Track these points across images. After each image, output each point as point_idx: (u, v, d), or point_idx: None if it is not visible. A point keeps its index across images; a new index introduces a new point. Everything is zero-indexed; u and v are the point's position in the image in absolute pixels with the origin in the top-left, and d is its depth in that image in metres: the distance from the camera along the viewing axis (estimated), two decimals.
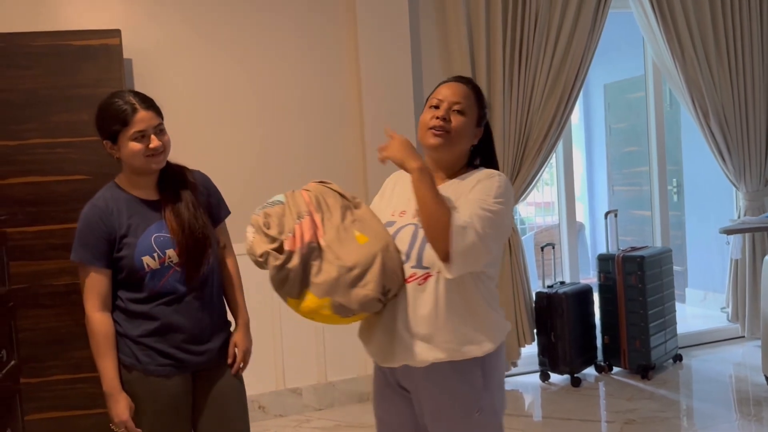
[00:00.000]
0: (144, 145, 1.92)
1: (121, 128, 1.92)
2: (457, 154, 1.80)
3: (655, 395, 3.74)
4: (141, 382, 1.96)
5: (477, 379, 1.69)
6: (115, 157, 1.99)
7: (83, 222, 1.95)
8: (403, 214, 1.77)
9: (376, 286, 1.62)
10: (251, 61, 3.65)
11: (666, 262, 4.19)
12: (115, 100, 1.96)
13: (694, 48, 4.27)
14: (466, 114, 1.77)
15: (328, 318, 1.64)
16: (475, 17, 3.85)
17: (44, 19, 3.32)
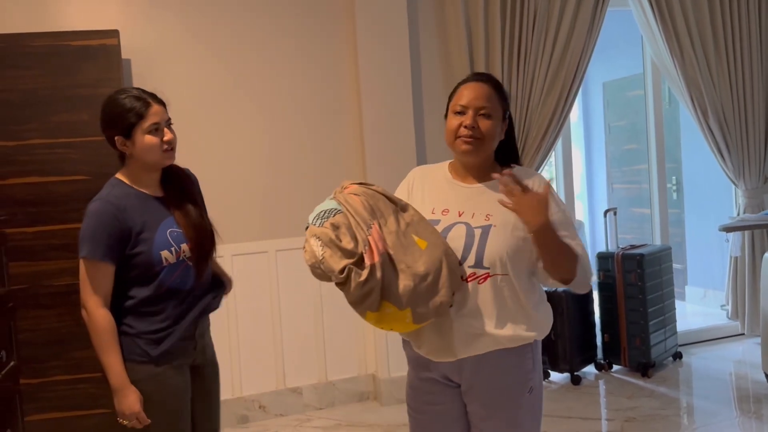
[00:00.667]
0: (159, 138, 1.94)
1: (136, 121, 1.92)
2: (489, 154, 1.85)
3: (656, 393, 3.74)
4: (152, 378, 1.94)
5: (529, 362, 1.80)
6: (126, 153, 1.96)
7: (95, 218, 1.90)
8: (446, 213, 1.81)
9: (448, 291, 1.65)
10: (250, 62, 3.65)
11: (665, 260, 4.19)
12: (125, 94, 1.96)
13: (692, 46, 4.27)
14: (493, 116, 1.79)
15: (407, 326, 1.66)
16: (474, 15, 3.85)
17: (43, 19, 3.32)
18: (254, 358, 3.67)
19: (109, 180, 2.01)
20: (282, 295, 3.69)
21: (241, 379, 3.64)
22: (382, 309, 1.59)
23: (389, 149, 3.73)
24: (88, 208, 1.93)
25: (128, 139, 1.93)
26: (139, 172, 1.99)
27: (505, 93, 1.86)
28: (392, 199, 1.74)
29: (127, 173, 2.00)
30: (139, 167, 1.98)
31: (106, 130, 1.97)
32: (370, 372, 3.87)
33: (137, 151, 1.94)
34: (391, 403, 3.75)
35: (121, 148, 1.95)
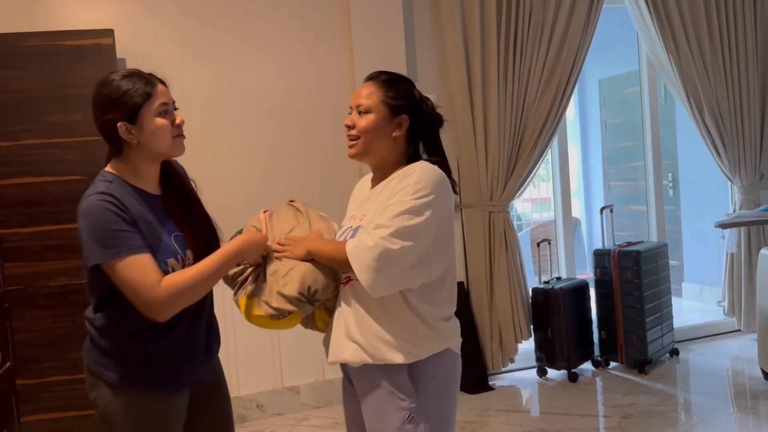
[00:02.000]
0: (170, 120, 1.67)
1: (142, 102, 1.63)
2: (382, 153, 1.78)
3: (653, 389, 3.74)
4: (151, 404, 1.70)
5: (402, 384, 1.67)
6: (131, 143, 1.65)
7: (100, 217, 1.59)
8: (353, 218, 1.82)
9: (295, 284, 1.67)
10: (245, 61, 3.64)
11: (662, 256, 4.20)
12: (123, 74, 1.67)
13: (688, 43, 4.27)
14: (371, 110, 1.76)
15: (263, 319, 1.71)
16: (470, 12, 3.85)
17: (37, 19, 3.30)
18: (251, 358, 3.66)
19: (100, 174, 1.69)
20: None
21: (239, 378, 3.64)
22: (241, 300, 1.75)
23: None
24: (83, 207, 1.62)
25: (133, 123, 1.63)
26: (139, 165, 1.68)
27: (400, 87, 1.78)
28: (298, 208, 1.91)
29: (123, 167, 1.68)
30: (141, 158, 1.68)
31: (103, 117, 1.65)
32: None
33: (145, 136, 1.64)
34: None
35: (126, 136, 1.64)
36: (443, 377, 1.72)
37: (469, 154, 3.91)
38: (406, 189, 1.65)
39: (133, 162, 1.69)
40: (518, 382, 4.04)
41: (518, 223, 6.84)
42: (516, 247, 3.99)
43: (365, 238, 1.61)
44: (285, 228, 1.82)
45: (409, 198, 1.63)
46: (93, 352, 1.72)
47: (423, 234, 1.62)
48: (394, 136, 1.77)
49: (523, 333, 3.99)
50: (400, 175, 1.72)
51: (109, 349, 1.70)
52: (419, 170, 1.68)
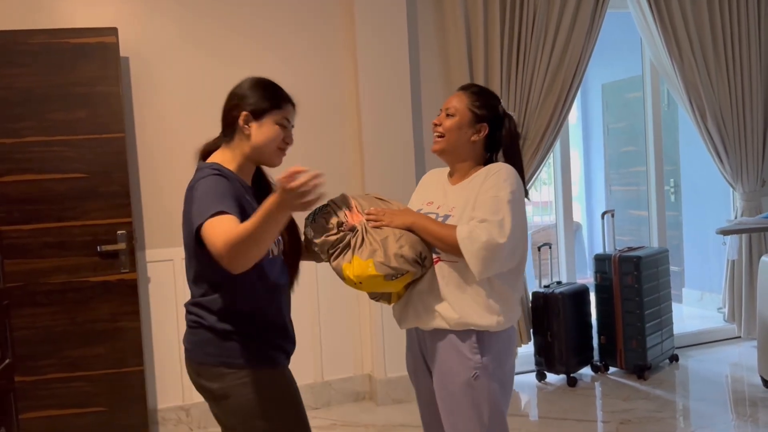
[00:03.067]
0: (283, 134, 1.84)
1: (272, 108, 1.82)
2: (461, 153, 2.02)
3: (651, 395, 3.74)
4: (274, 379, 1.82)
5: (472, 348, 1.93)
6: (243, 133, 1.80)
7: (215, 184, 1.70)
8: (430, 204, 2.05)
9: (410, 249, 1.87)
10: (248, 60, 3.63)
11: (663, 262, 4.19)
12: (269, 82, 1.88)
13: (691, 49, 4.27)
14: (456, 114, 2.01)
15: (376, 280, 1.85)
16: (473, 16, 3.85)
17: (41, 16, 3.30)
18: None
19: (204, 164, 1.81)
20: None
21: None
22: (353, 261, 1.87)
23: (387, 149, 3.73)
24: (197, 184, 1.72)
25: (255, 120, 1.81)
26: (243, 160, 1.84)
27: (484, 98, 2.06)
28: (381, 198, 2.07)
29: (228, 157, 1.83)
30: (246, 154, 1.83)
31: (235, 103, 1.83)
32: (366, 372, 3.86)
33: (258, 136, 1.81)
34: (387, 403, 3.74)
35: (243, 125, 1.80)
36: (503, 345, 1.99)
37: None
38: (497, 186, 1.90)
39: (238, 154, 1.84)
40: (517, 385, 4.02)
41: None
42: None
43: (478, 231, 1.84)
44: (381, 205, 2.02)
45: (505, 195, 1.88)
46: (212, 343, 1.78)
47: (518, 227, 1.89)
48: (473, 140, 2.02)
49: (522, 337, 3.99)
50: (485, 172, 1.97)
51: (230, 331, 1.77)
52: (505, 170, 1.94)
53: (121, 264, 3.25)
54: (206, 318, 1.78)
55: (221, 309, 1.77)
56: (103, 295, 3.23)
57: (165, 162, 3.49)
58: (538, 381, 4.04)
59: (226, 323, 1.76)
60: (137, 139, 3.46)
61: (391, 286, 1.89)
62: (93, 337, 3.22)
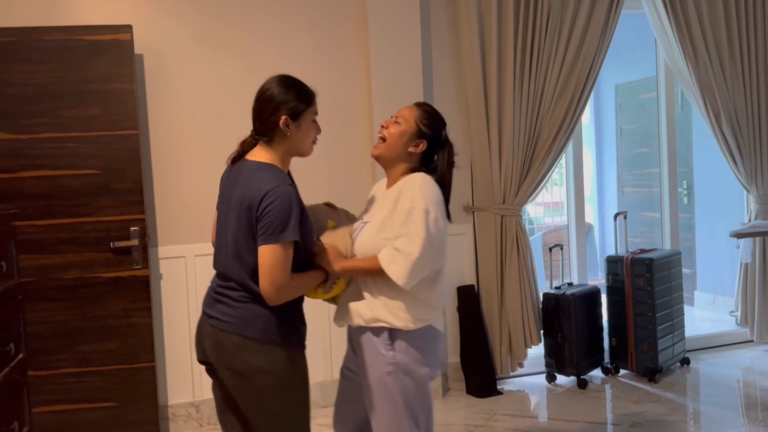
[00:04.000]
0: (315, 128, 2.07)
1: (306, 108, 2.01)
2: (396, 160, 2.16)
3: (662, 398, 3.72)
4: (304, 359, 2.03)
5: (385, 344, 2.09)
6: (283, 133, 1.98)
7: (293, 202, 1.90)
8: (366, 213, 2.26)
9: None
10: (261, 59, 3.64)
11: (675, 264, 4.17)
12: (293, 82, 2.04)
13: (707, 49, 4.24)
14: (403, 123, 2.16)
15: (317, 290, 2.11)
16: (487, 16, 3.84)
17: (56, 14, 3.33)
18: None
19: (258, 164, 1.98)
20: None
21: None
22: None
23: None
24: (275, 192, 1.88)
25: (294, 121, 1.99)
26: (286, 157, 2.03)
27: (435, 123, 2.18)
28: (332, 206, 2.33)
29: (273, 156, 2.01)
30: (287, 152, 2.02)
31: (275, 107, 1.98)
32: None
33: (298, 134, 2.00)
34: None
35: (284, 127, 1.97)
36: (421, 345, 2.11)
37: (482, 156, 3.90)
38: (414, 198, 2.02)
39: (281, 153, 2.02)
40: (527, 387, 4.02)
41: (530, 227, 6.82)
42: (528, 251, 3.98)
43: (394, 254, 2.00)
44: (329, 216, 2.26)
45: (420, 205, 2.01)
46: (265, 319, 1.93)
47: (435, 236, 2.02)
48: (410, 151, 2.15)
49: (533, 338, 3.98)
50: (403, 182, 2.10)
51: (285, 313, 1.96)
52: (421, 180, 2.07)
53: (133, 260, 3.26)
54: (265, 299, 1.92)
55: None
56: (115, 291, 3.25)
57: (178, 159, 3.51)
58: (548, 382, 4.03)
59: (282, 305, 1.93)
60: (151, 136, 3.48)
61: (328, 294, 2.12)
62: (105, 333, 3.24)
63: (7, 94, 3.12)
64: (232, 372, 1.95)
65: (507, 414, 3.59)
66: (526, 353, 4.00)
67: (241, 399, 1.98)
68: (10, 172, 3.14)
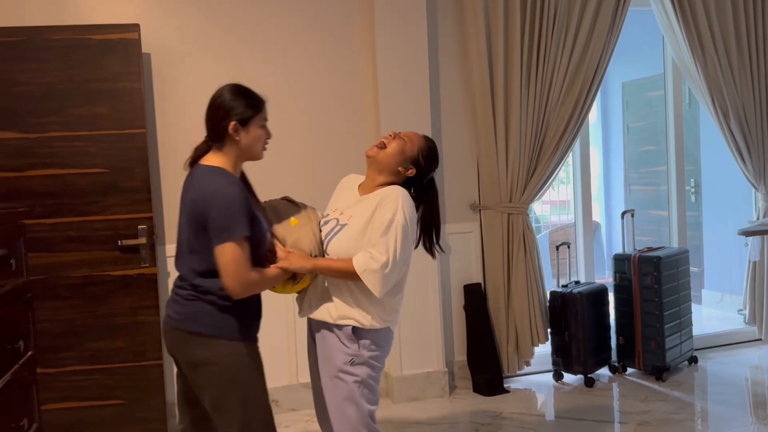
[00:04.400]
0: (265, 132, 2.15)
1: (254, 114, 2.11)
2: (384, 172, 2.28)
3: (670, 397, 3.71)
4: (253, 352, 2.14)
5: (349, 340, 2.21)
6: (233, 139, 2.08)
7: (237, 201, 2.00)
8: (335, 210, 2.34)
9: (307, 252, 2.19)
10: (269, 58, 3.65)
11: (683, 263, 4.15)
12: (240, 89, 2.15)
13: (714, 47, 4.22)
14: (407, 143, 2.29)
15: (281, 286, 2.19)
16: (494, 14, 3.83)
17: (64, 13, 3.34)
18: (268, 353, 3.63)
19: (210, 167, 2.09)
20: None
21: None
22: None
23: None
24: (218, 195, 2.00)
25: (243, 127, 2.09)
26: (237, 161, 2.13)
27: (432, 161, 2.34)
28: (295, 202, 2.40)
29: (224, 160, 2.11)
30: (238, 156, 2.12)
31: (224, 116, 2.09)
32: None
33: (247, 139, 2.10)
34: (403, 400, 3.75)
35: (233, 133, 2.07)
36: (377, 341, 2.26)
37: (489, 154, 3.89)
38: (395, 209, 2.16)
39: (232, 157, 2.12)
40: (534, 385, 4.02)
41: (536, 225, 6.80)
42: (535, 249, 3.97)
43: (370, 261, 2.12)
44: (288, 213, 2.31)
45: (400, 218, 2.15)
46: (209, 315, 2.06)
47: (405, 249, 2.19)
48: (399, 170, 2.29)
49: (539, 336, 3.97)
50: (383, 193, 2.23)
51: (229, 307, 2.05)
52: (402, 195, 2.21)
53: (141, 258, 3.28)
54: (208, 293, 2.05)
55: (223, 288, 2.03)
56: (123, 289, 3.26)
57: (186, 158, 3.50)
58: (555, 381, 4.03)
59: (227, 300, 2.04)
60: (158, 135, 3.49)
61: (296, 288, 2.21)
62: (113, 331, 3.25)
63: (15, 93, 3.14)
64: (186, 365, 2.11)
65: (514, 412, 3.59)
66: (532, 352, 3.99)
67: (198, 391, 2.12)
68: (19, 170, 3.15)
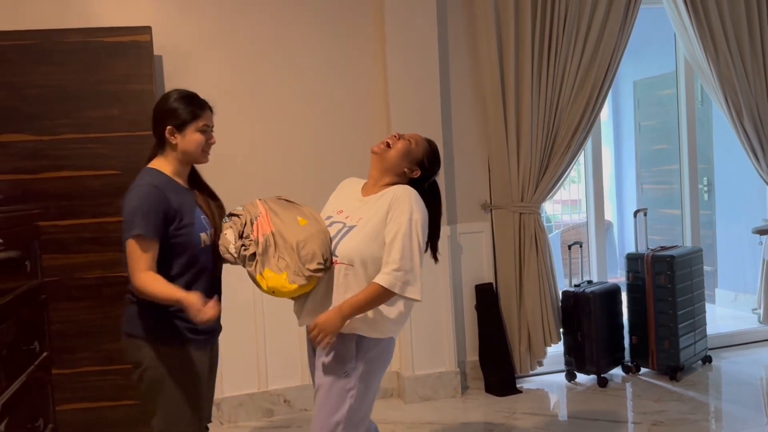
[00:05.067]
0: (205, 138, 2.17)
1: (191, 119, 2.13)
2: (389, 172, 2.26)
3: (684, 397, 3.68)
4: (188, 358, 2.11)
5: (350, 351, 2.15)
6: (171, 143, 2.13)
7: (144, 199, 2.03)
8: (340, 213, 2.27)
9: (319, 255, 2.09)
10: (279, 60, 3.66)
11: (696, 262, 4.12)
12: (183, 94, 2.17)
13: (727, 44, 4.19)
14: (413, 145, 2.28)
15: (290, 289, 2.08)
16: (504, 13, 3.82)
17: (76, 15, 3.36)
18: (280, 353, 3.69)
19: (145, 169, 2.15)
20: None
21: (267, 373, 3.67)
22: (264, 274, 2.09)
23: None
24: (131, 192, 2.06)
25: (179, 132, 2.13)
26: (177, 164, 2.17)
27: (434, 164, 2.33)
28: (293, 201, 2.32)
29: (164, 163, 2.16)
30: (178, 159, 2.16)
31: (161, 122, 2.14)
32: (394, 369, 3.86)
33: (184, 144, 2.13)
34: (415, 400, 3.75)
35: (169, 137, 2.13)
36: (379, 353, 2.21)
37: (500, 154, 3.88)
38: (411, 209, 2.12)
39: (171, 160, 2.17)
40: (546, 385, 4.00)
41: (548, 224, 6.78)
42: (546, 249, 3.96)
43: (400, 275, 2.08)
44: (291, 214, 2.22)
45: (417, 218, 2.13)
46: (138, 317, 2.09)
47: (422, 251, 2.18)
48: (404, 171, 2.28)
49: (552, 336, 3.96)
50: (393, 193, 2.18)
51: (151, 308, 2.05)
52: (413, 195, 2.17)
53: None
54: (134, 295, 2.08)
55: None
56: None
57: None
58: (567, 381, 4.01)
59: (148, 301, 2.04)
60: None
61: (300, 291, 2.11)
62: None
63: (29, 96, 3.16)
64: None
65: (526, 412, 3.58)
66: (545, 351, 3.98)
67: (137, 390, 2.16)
68: (32, 173, 3.17)
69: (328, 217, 2.28)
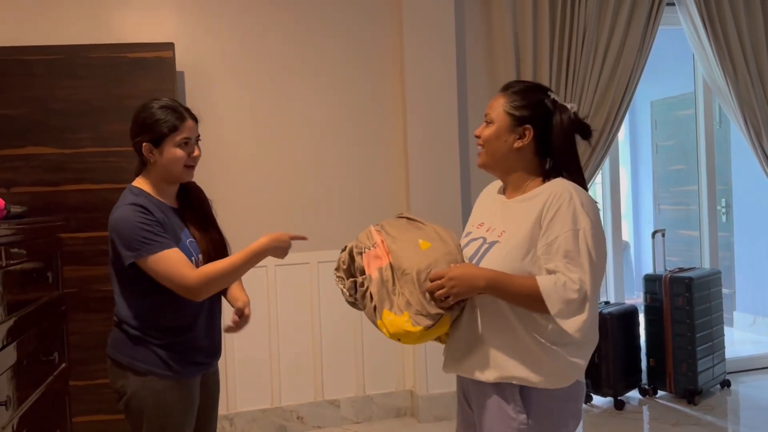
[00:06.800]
0: (186, 152, 1.93)
1: (168, 133, 1.90)
2: (507, 164, 1.76)
3: (702, 421, 3.63)
4: (173, 388, 1.92)
5: (513, 406, 1.63)
6: (150, 161, 1.93)
7: (131, 221, 1.84)
8: (480, 226, 1.79)
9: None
10: (300, 75, 3.69)
11: (715, 284, 4.08)
12: (161, 104, 1.94)
13: (746, 65, 4.17)
14: (494, 121, 1.75)
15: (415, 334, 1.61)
16: (522, 31, 3.84)
17: (101, 32, 3.42)
18: (293, 369, 3.68)
19: (128, 188, 1.98)
20: (322, 307, 3.70)
21: (281, 389, 3.66)
22: (384, 317, 1.64)
23: (433, 160, 3.74)
24: (114, 217, 1.89)
25: (156, 147, 1.91)
26: (159, 182, 1.97)
27: (525, 96, 1.75)
28: (415, 219, 1.84)
29: (147, 182, 1.97)
30: (160, 177, 1.96)
31: (136, 134, 1.94)
32: (408, 388, 3.84)
33: (162, 161, 1.92)
34: (429, 420, 3.72)
35: (147, 155, 1.92)
36: (560, 404, 1.67)
37: None
38: (575, 218, 1.61)
39: (154, 178, 1.96)
40: None
41: None
42: None
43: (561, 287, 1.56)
44: (411, 236, 1.75)
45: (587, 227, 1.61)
46: (124, 343, 1.95)
47: (600, 261, 1.63)
48: (517, 147, 1.73)
49: None
50: (548, 196, 1.66)
51: (140, 337, 1.92)
52: (577, 195, 1.66)
53: None
54: (121, 321, 1.95)
55: (138, 316, 1.92)
56: None
57: (219, 175, 3.56)
58: (584, 403, 3.95)
59: (137, 330, 1.91)
60: None
61: (432, 334, 1.65)
62: None
63: (53, 110, 3.21)
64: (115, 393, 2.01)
65: None
66: None
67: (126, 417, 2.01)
68: (54, 185, 3.21)
69: (467, 234, 1.82)
